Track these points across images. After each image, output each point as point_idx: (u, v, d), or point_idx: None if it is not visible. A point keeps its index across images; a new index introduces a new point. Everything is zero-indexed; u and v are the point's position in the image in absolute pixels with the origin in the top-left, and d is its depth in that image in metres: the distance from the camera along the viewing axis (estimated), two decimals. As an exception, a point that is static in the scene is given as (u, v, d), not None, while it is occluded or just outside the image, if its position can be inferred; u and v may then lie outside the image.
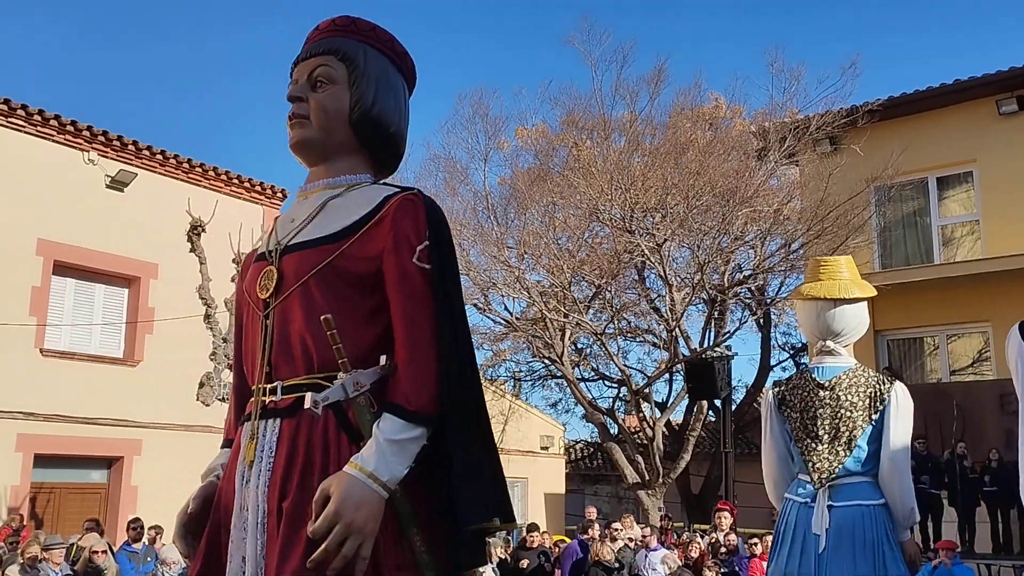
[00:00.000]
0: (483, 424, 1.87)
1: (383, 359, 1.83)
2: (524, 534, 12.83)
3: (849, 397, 3.60)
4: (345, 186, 2.00)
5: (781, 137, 14.00)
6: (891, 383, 3.61)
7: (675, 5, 42.99)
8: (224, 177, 15.80)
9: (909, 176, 14.02)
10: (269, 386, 1.88)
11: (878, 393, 3.56)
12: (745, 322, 17.54)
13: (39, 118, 13.45)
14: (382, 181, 2.08)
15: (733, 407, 17.78)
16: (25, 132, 13.38)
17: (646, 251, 13.95)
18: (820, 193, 13.46)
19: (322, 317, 1.78)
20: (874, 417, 3.55)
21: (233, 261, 11.49)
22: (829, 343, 3.68)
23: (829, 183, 13.32)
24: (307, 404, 1.76)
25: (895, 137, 13.74)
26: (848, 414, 3.59)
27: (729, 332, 16.42)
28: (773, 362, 20.77)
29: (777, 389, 3.91)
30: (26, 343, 13.12)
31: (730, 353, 15.05)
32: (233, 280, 9.74)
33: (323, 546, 1.65)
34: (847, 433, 3.58)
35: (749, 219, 14.31)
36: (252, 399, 1.92)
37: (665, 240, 14.01)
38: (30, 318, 13.26)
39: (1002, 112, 13.70)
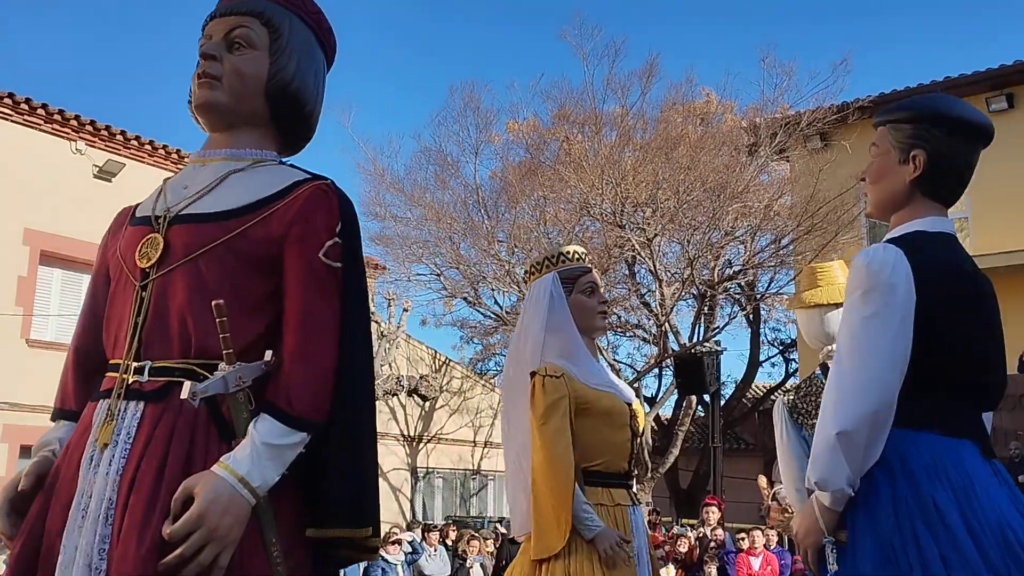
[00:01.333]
0: (370, 436, 1.75)
1: (268, 353, 1.68)
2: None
3: None
4: (250, 160, 1.85)
5: (772, 133, 14.02)
6: None
7: (667, 0, 43.01)
8: (213, 168, 15.72)
9: (899, 173, 14.06)
10: (136, 364, 1.70)
11: None
12: (735, 317, 17.60)
13: (26, 107, 13.35)
14: (289, 163, 1.93)
15: (722, 402, 17.84)
16: (12, 121, 13.29)
17: (636, 246, 13.95)
18: (810, 189, 13.50)
19: (214, 303, 1.63)
20: None
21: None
22: (834, 347, 3.71)
23: (819, 179, 13.35)
24: (184, 394, 1.60)
25: (886, 134, 13.77)
26: None
27: (719, 327, 16.47)
28: (762, 357, 20.84)
29: (787, 398, 3.93)
30: (12, 333, 13.05)
31: (719, 348, 15.10)
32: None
33: (179, 551, 1.51)
34: None
35: (739, 214, 14.33)
36: (111, 374, 1.74)
37: (655, 235, 14.02)
38: (16, 308, 13.18)
39: (992, 110, 13.74)
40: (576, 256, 3.44)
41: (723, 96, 16.49)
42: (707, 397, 15.67)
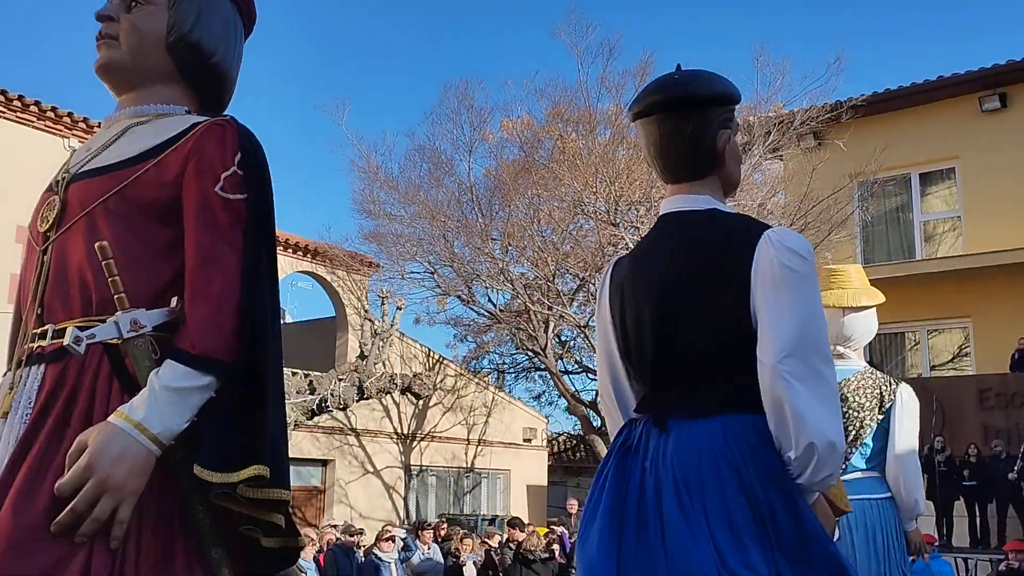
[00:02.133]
0: (271, 380, 1.60)
1: (174, 300, 1.59)
2: (508, 529, 12.85)
3: (857, 398, 3.74)
4: (154, 115, 1.77)
5: (765, 131, 14.03)
6: (897, 384, 3.80)
7: (661, -2, 43.01)
8: (207, 166, 15.68)
9: (892, 172, 14.09)
10: (39, 330, 1.63)
11: (884, 393, 3.75)
12: (728, 316, 17.56)
13: (19, 104, 13.31)
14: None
15: (715, 400, 17.81)
16: (4, 119, 13.24)
17: (630, 244, 13.96)
18: (804, 188, 13.52)
19: (97, 244, 1.55)
20: (880, 416, 3.72)
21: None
22: (840, 348, 3.80)
23: (813, 178, 13.37)
24: (67, 340, 1.51)
25: (878, 133, 13.79)
26: (856, 414, 3.72)
27: (712, 326, 16.48)
28: (755, 356, 20.81)
29: None
30: (4, 331, 12.98)
31: (713, 347, 15.07)
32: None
33: (71, 505, 1.40)
34: (854, 432, 3.71)
35: (733, 213, 14.33)
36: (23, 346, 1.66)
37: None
38: (8, 307, 13.13)
39: (984, 109, 13.78)
40: None
41: (717, 95, 16.49)
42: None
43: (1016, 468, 10.94)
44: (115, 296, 1.54)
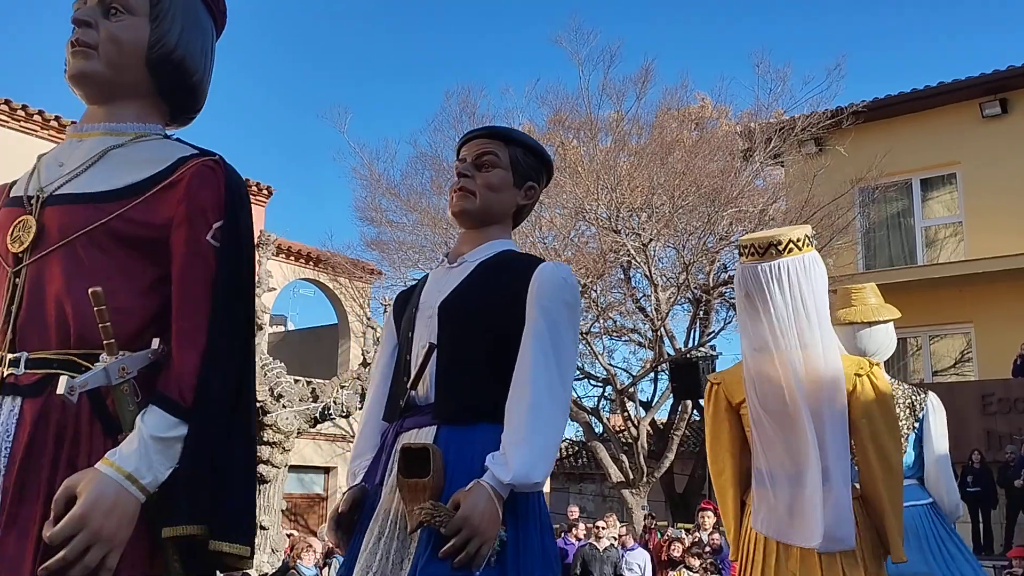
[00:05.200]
0: (242, 434, 1.61)
1: (155, 341, 1.58)
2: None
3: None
4: (132, 135, 1.73)
5: (767, 138, 14.05)
6: (925, 393, 3.91)
7: (662, 5, 43.10)
8: (209, 173, 15.69)
9: (893, 178, 14.12)
10: (11, 356, 1.59)
11: (915, 403, 3.86)
12: (730, 322, 17.55)
13: (23, 113, 13.37)
14: (174, 137, 1.81)
15: (717, 407, 17.79)
16: (8, 127, 13.29)
17: (632, 251, 13.97)
18: (805, 194, 13.53)
19: (91, 290, 1.52)
20: (915, 425, 3.83)
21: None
22: None
23: (814, 184, 13.39)
24: (60, 389, 1.48)
25: (879, 139, 13.82)
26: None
27: (714, 332, 16.45)
28: (757, 362, 20.80)
29: None
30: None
31: (715, 353, 15.09)
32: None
33: (61, 554, 1.41)
34: None
35: (734, 219, 14.35)
36: None
37: (651, 240, 14.04)
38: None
39: (985, 115, 13.81)
40: None
41: (718, 101, 16.54)
42: (703, 402, 15.66)
43: (1023, 475, 10.93)
44: (106, 342, 1.53)
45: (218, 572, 1.62)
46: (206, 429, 1.53)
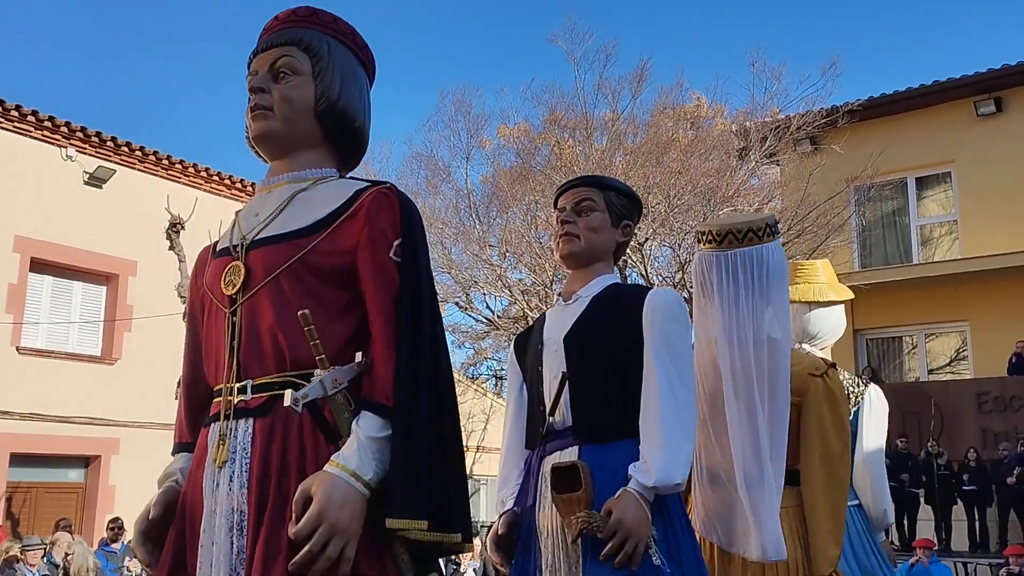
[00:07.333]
0: (448, 428, 1.83)
1: (359, 355, 1.78)
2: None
3: None
4: (312, 179, 1.95)
5: (762, 137, 14.06)
6: (865, 385, 3.56)
7: (658, 5, 43.14)
8: (204, 174, 15.68)
9: (888, 176, 14.13)
10: (238, 385, 1.82)
11: (851, 395, 3.47)
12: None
13: (16, 114, 13.31)
14: (348, 176, 2.04)
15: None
16: (2, 128, 13.24)
17: (628, 250, 13.97)
18: (800, 193, 13.54)
19: (300, 312, 1.73)
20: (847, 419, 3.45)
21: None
22: (805, 346, 3.54)
23: (809, 183, 13.40)
24: (287, 401, 1.72)
25: (875, 137, 13.83)
26: None
27: (710, 331, 16.49)
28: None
29: None
30: (2, 341, 12.98)
31: (711, 352, 15.07)
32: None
33: (307, 547, 1.61)
34: None
35: (730, 218, 14.36)
36: (216, 399, 1.86)
37: (646, 239, 14.03)
38: (6, 316, 13.12)
39: (980, 113, 13.83)
40: None
41: (713, 100, 16.53)
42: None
43: (1015, 473, 10.93)
44: (317, 357, 1.73)
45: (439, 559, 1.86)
46: (413, 427, 1.71)
